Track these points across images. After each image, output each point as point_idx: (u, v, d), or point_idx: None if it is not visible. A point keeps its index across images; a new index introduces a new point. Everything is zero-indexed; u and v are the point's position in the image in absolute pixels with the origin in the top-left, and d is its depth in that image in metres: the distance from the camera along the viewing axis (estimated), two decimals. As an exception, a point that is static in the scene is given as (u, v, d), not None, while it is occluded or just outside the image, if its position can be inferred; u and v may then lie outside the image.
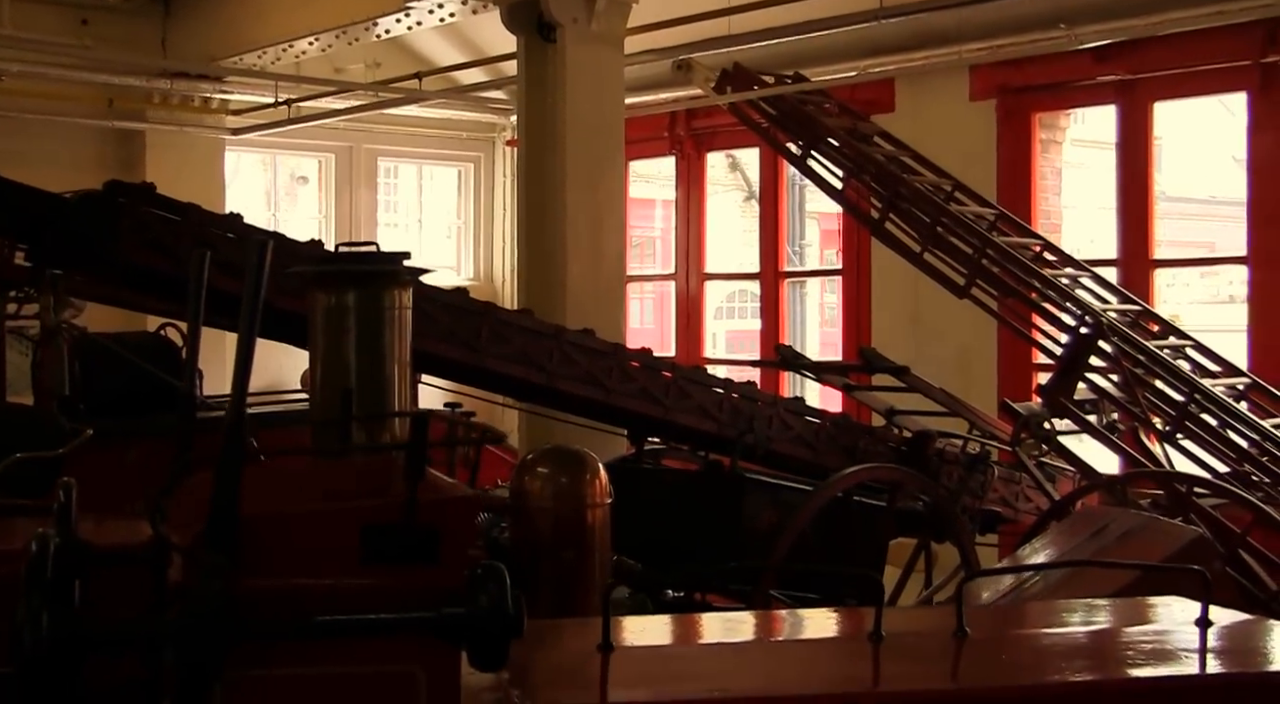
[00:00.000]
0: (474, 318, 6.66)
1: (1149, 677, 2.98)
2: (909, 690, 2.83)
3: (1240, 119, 9.21)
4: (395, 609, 2.52)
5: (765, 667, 2.97)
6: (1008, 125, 10.20)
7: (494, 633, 2.51)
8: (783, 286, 12.12)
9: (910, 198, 8.29)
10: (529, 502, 5.24)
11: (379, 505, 2.57)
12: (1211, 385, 7.46)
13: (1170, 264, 9.91)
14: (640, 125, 11.71)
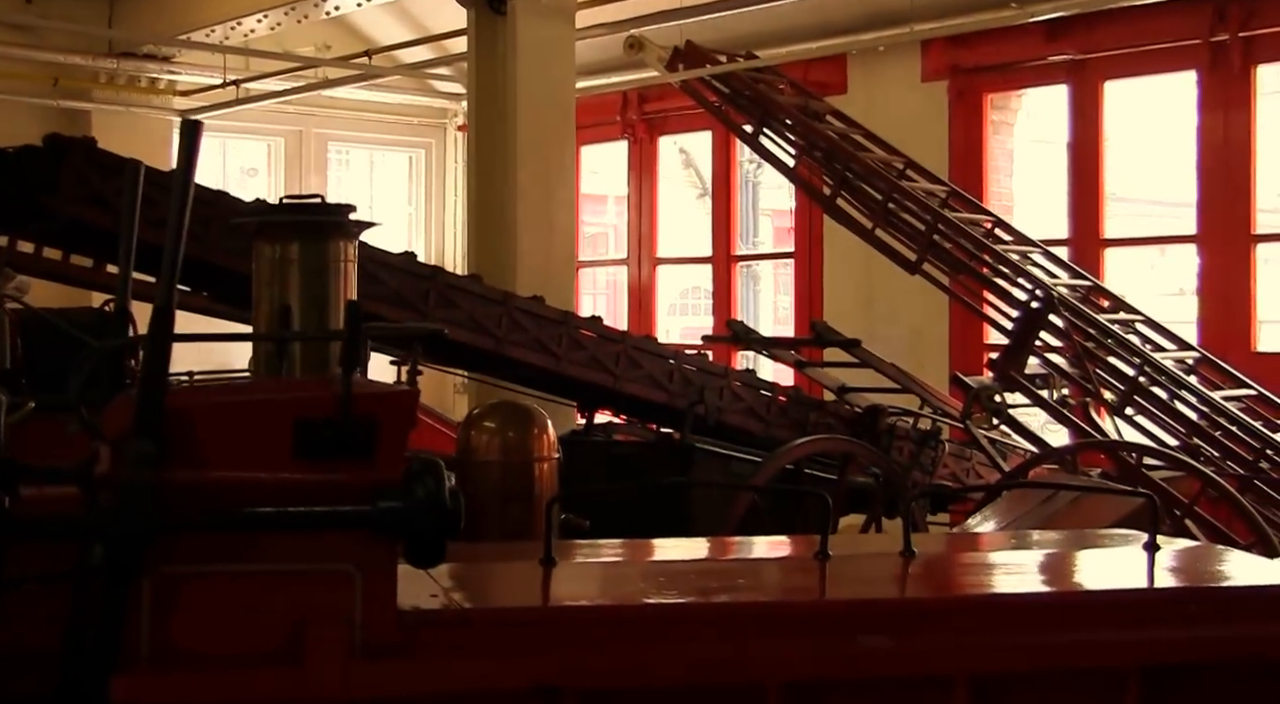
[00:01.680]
0: (421, 281, 6.58)
1: (1097, 590, 2.96)
2: (852, 600, 2.78)
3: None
4: (329, 504, 2.44)
5: (708, 581, 2.91)
6: (959, 106, 10.23)
7: (431, 527, 2.44)
8: (734, 270, 12.11)
9: (862, 174, 8.29)
10: (476, 456, 5.17)
11: (312, 398, 2.48)
12: (1161, 359, 7.49)
13: (1120, 243, 9.97)
14: (592, 110, 11.66)
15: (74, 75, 12.16)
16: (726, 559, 3.25)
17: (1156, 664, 2.76)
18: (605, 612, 2.67)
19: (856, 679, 2.68)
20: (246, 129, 13.70)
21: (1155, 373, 7.34)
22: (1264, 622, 2.87)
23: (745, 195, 13.75)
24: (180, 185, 2.45)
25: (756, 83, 9.08)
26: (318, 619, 2.42)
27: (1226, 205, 8.95)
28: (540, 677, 2.48)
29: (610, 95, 12.22)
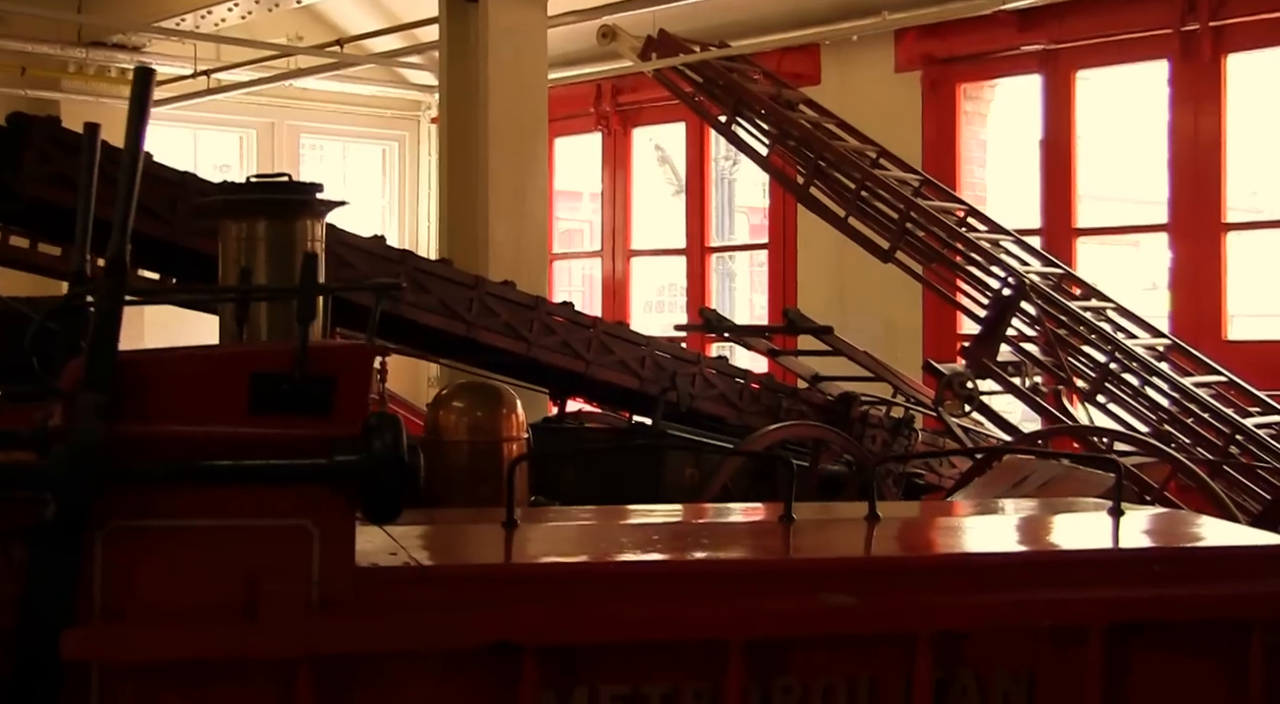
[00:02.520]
0: (391, 265, 6.53)
1: (1062, 550, 2.95)
2: (815, 559, 2.77)
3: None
4: (285, 459, 2.41)
5: (672, 542, 2.89)
6: (932, 96, 10.25)
7: (389, 481, 2.42)
8: (709, 262, 12.11)
9: (835, 163, 8.28)
10: (444, 436, 5.13)
11: (268, 352, 2.46)
12: (1133, 346, 7.50)
13: (1092, 233, 10.01)
14: (566, 102, 11.63)
15: (42, 64, 12.05)
16: (691, 522, 3.23)
17: (1120, 622, 2.76)
18: (567, 569, 2.65)
19: (819, 636, 2.67)
20: (218, 121, 13.61)
21: (1126, 359, 7.36)
22: (1227, 581, 2.87)
23: (721, 192, 13.75)
24: (132, 134, 2.41)
25: (730, 72, 9.07)
26: (273, 574, 2.40)
27: (1197, 194, 8.99)
28: (501, 633, 2.46)
29: (584, 87, 12.20)
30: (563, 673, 2.55)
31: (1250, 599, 2.84)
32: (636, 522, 3.16)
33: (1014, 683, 2.78)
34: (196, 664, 2.37)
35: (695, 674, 2.62)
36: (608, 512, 3.31)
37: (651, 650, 2.61)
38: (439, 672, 2.50)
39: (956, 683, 2.76)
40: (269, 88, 12.69)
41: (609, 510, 3.32)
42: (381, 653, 2.45)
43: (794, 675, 2.68)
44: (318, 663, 2.40)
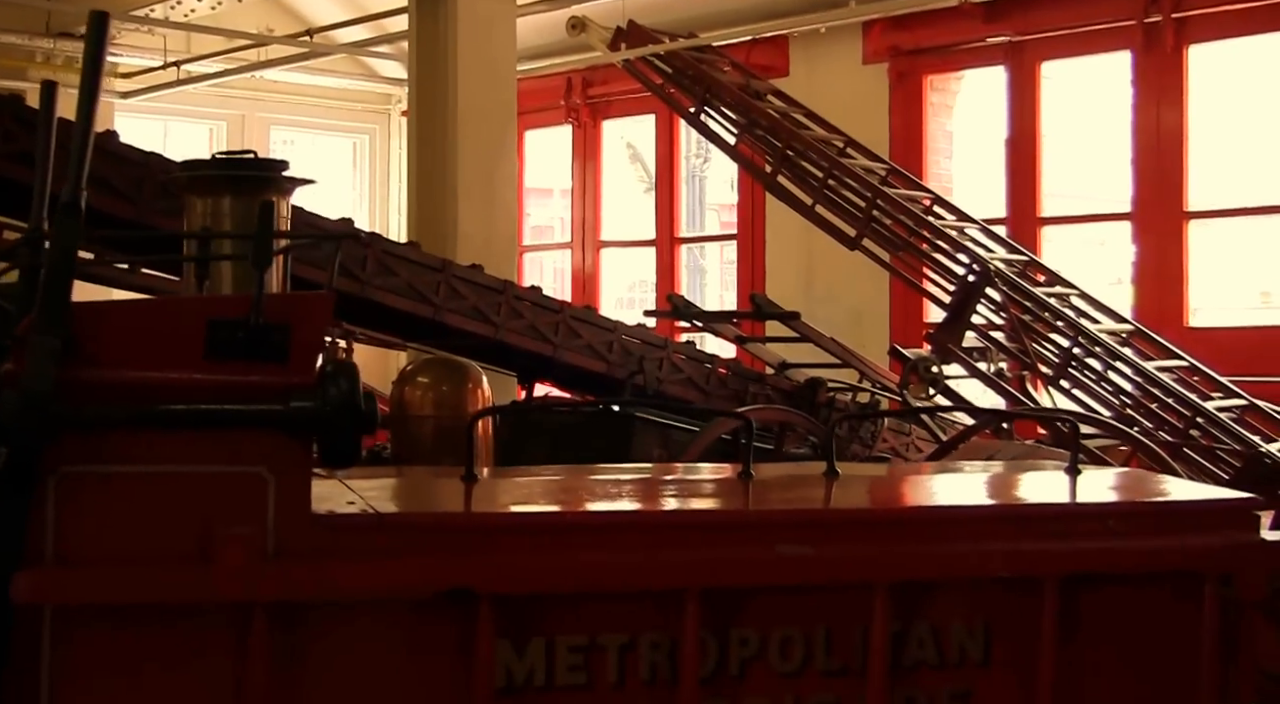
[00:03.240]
0: (358, 247, 6.53)
1: (1018, 503, 2.98)
2: (772, 510, 2.79)
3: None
4: (242, 406, 2.41)
5: (630, 495, 2.91)
6: (899, 88, 10.33)
7: (344, 427, 2.42)
8: (678, 252, 12.15)
9: (802, 151, 8.33)
10: (409, 411, 5.13)
11: (225, 300, 2.47)
12: (1096, 332, 7.58)
13: (1057, 221, 10.10)
14: (536, 95, 11.66)
15: (10, 54, 11.98)
16: (651, 478, 3.25)
17: (1075, 573, 2.78)
18: (525, 519, 2.66)
19: (776, 587, 2.69)
20: (188, 112, 13.57)
21: (1090, 344, 7.43)
22: (1180, 534, 2.91)
23: (692, 189, 13.79)
24: (88, 76, 2.41)
25: (699, 63, 9.12)
26: (228, 521, 2.39)
27: (1160, 183, 9.10)
28: (457, 579, 2.46)
29: (554, 80, 12.23)
30: (519, 623, 2.55)
31: (1202, 551, 2.87)
32: (597, 477, 3.18)
33: (970, 634, 2.80)
34: (150, 608, 2.36)
35: (652, 625, 2.62)
36: (571, 470, 3.32)
37: (608, 601, 2.61)
38: (394, 619, 2.50)
39: (913, 634, 2.78)
40: (239, 80, 12.66)
41: (572, 469, 3.34)
42: (337, 599, 2.45)
43: (751, 627, 2.70)
44: (272, 608, 2.39)
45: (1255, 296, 9.76)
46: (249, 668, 2.38)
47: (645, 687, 2.63)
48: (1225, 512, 3.03)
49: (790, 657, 2.71)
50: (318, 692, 2.47)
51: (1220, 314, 9.63)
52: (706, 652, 2.64)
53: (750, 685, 2.69)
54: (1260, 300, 9.86)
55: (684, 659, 2.59)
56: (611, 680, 2.61)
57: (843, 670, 2.73)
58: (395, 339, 7.34)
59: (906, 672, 2.77)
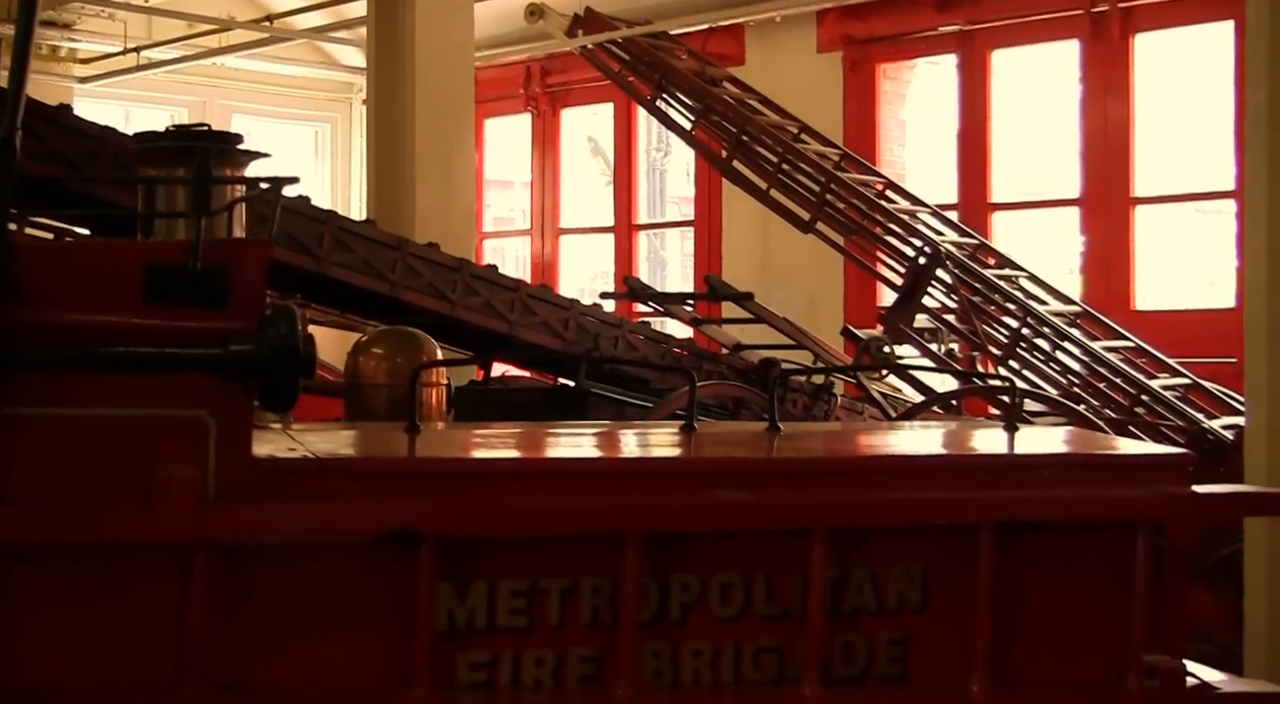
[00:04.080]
0: (315, 224, 6.53)
1: (955, 454, 3.05)
2: (713, 458, 2.84)
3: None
4: (181, 350, 2.43)
5: (574, 444, 2.95)
6: (853, 76, 10.44)
7: (283, 370, 2.44)
8: (636, 238, 12.22)
9: (756, 136, 8.41)
10: (363, 380, 5.14)
11: (165, 244, 2.49)
12: (1044, 313, 7.69)
13: (1007, 207, 10.23)
14: (496, 84, 11.71)
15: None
16: (595, 431, 3.30)
17: (1011, 521, 2.84)
18: (467, 464, 2.70)
19: (716, 532, 2.74)
20: (149, 99, 13.49)
21: (1038, 325, 7.54)
22: (1114, 485, 2.98)
23: (652, 181, 13.85)
24: (24, 12, 2.42)
25: (655, 50, 9.18)
26: (170, 463, 2.41)
27: (1107, 169, 9.25)
28: (398, 521, 2.49)
29: (513, 69, 12.28)
30: (461, 566, 2.58)
31: (1135, 501, 2.93)
32: (536, 430, 3.22)
33: (908, 581, 2.85)
34: (92, 548, 2.38)
35: (593, 569, 2.66)
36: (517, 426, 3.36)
37: (550, 545, 2.65)
38: (336, 562, 2.53)
39: (852, 581, 2.83)
40: (200, 67, 12.61)
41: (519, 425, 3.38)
42: (278, 541, 2.48)
43: (692, 572, 2.74)
44: (213, 549, 2.42)
45: (1200, 280, 9.93)
46: (190, 608, 2.41)
47: (586, 630, 2.67)
48: (1159, 465, 3.10)
49: (730, 602, 2.76)
50: (260, 634, 2.50)
51: (1166, 297, 9.79)
52: (647, 596, 2.68)
53: (691, 630, 2.74)
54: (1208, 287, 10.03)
55: (624, 603, 2.63)
56: (553, 624, 2.65)
57: (782, 615, 2.78)
58: (353, 319, 7.35)
59: (846, 618, 2.82)
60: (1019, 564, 2.89)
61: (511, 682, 2.64)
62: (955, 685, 2.83)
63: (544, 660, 2.66)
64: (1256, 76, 5.08)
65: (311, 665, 2.53)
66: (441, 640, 2.58)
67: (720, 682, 2.75)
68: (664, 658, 2.73)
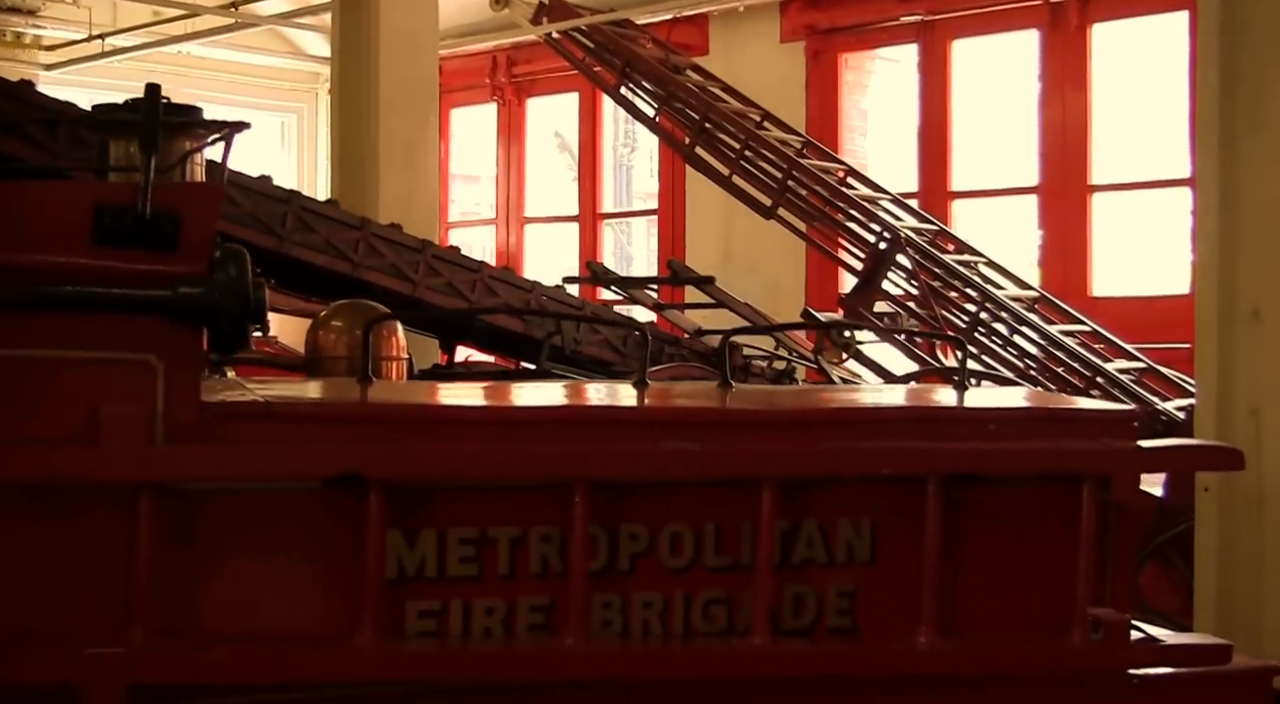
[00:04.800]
0: (277, 204, 6.54)
1: (903, 406, 3.07)
2: (662, 408, 2.86)
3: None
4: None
5: (524, 396, 2.96)
6: (816, 66, 10.51)
7: (232, 313, 2.44)
8: (600, 227, 12.25)
9: (719, 123, 8.45)
10: (324, 354, 5.15)
11: (114, 186, 2.48)
12: (1002, 297, 7.76)
13: (966, 195, 10.32)
14: (462, 74, 11.72)
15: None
16: (548, 386, 3.32)
17: (958, 473, 2.86)
18: (417, 410, 2.71)
19: (664, 482, 2.75)
20: (114, 87, 13.35)
21: (997, 309, 7.60)
22: (1061, 439, 3.01)
23: (619, 178, 13.87)
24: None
25: (620, 38, 9.21)
26: (116, 404, 2.41)
27: (1065, 158, 9.35)
28: (346, 465, 2.49)
29: (479, 59, 12.29)
30: (410, 514, 2.59)
31: (1080, 454, 2.97)
32: (496, 385, 3.24)
33: (856, 534, 2.87)
34: (36, 489, 2.37)
35: (543, 519, 2.67)
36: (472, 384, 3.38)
37: (499, 493, 2.66)
38: (285, 508, 2.53)
39: (801, 534, 2.84)
40: (166, 55, 12.54)
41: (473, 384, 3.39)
42: (224, 483, 2.48)
43: (641, 522, 2.75)
44: (159, 492, 2.41)
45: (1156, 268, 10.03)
46: (136, 552, 2.40)
47: (536, 579, 2.67)
48: (1105, 421, 3.14)
49: (680, 553, 2.76)
50: (208, 579, 2.50)
51: (1122, 284, 9.89)
52: (596, 546, 2.69)
53: (640, 580, 2.74)
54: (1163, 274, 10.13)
55: (573, 551, 2.64)
56: (502, 573, 2.65)
57: (732, 567, 2.80)
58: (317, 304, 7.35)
59: (795, 570, 2.84)
60: (966, 517, 2.91)
61: (461, 630, 2.65)
62: (903, 637, 2.86)
63: (494, 609, 2.67)
64: (1208, 56, 5.15)
65: (259, 612, 2.53)
66: (391, 588, 2.58)
67: (670, 632, 2.76)
68: (614, 608, 2.74)
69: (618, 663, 2.70)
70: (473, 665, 2.63)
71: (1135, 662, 3.03)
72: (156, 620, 2.43)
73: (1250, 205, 5.28)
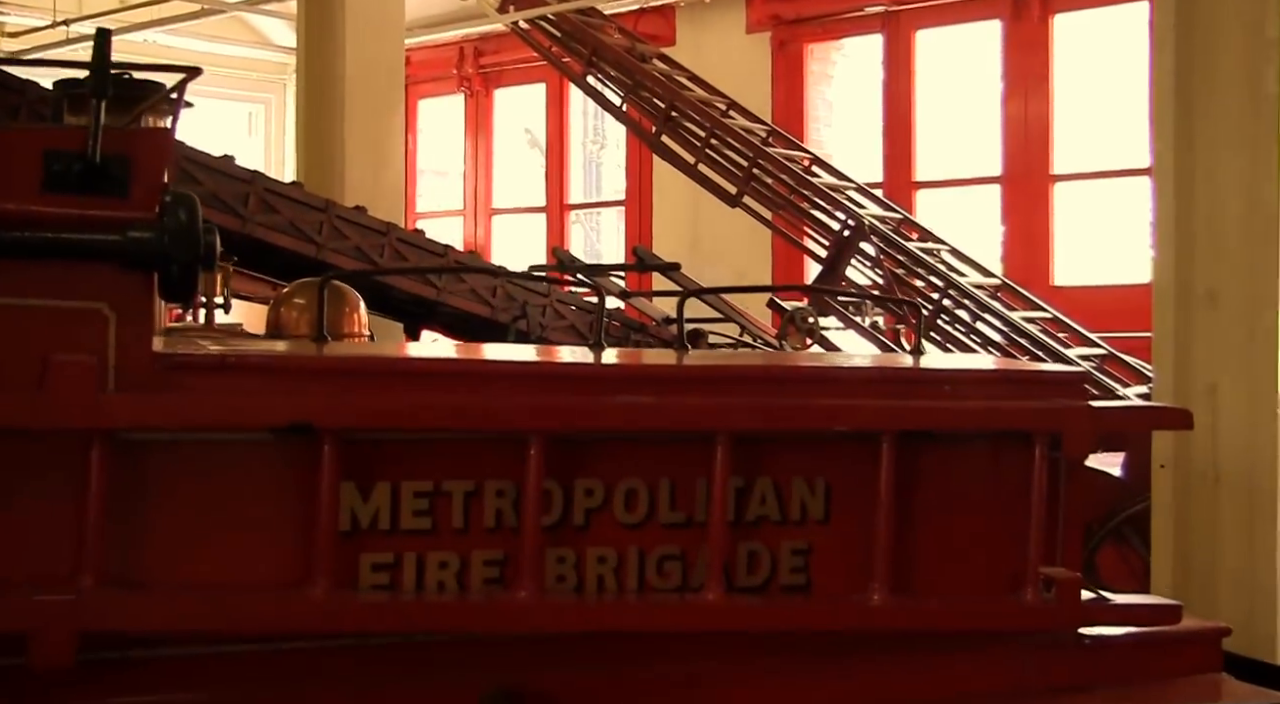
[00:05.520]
0: (240, 184, 6.52)
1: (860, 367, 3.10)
2: (617, 364, 2.87)
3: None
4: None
5: (482, 353, 2.97)
6: (781, 56, 10.56)
7: (183, 258, 2.43)
8: (567, 218, 12.27)
9: (685, 112, 8.48)
10: (285, 332, 5.13)
11: (63, 131, 2.47)
12: (965, 284, 7.82)
13: (930, 185, 10.39)
14: (429, 65, 11.72)
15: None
16: (507, 348, 3.33)
17: (912, 430, 2.88)
18: (370, 362, 2.71)
19: (620, 433, 2.76)
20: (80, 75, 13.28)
21: (960, 296, 7.66)
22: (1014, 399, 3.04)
23: (589, 175, 13.88)
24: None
25: (586, 26, 9.23)
26: (66, 352, 2.39)
27: (1027, 148, 9.43)
28: (298, 414, 2.49)
29: (447, 50, 12.29)
30: (364, 467, 2.58)
31: (1033, 412, 2.99)
32: (454, 346, 3.24)
33: (811, 492, 2.89)
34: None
35: (498, 473, 2.67)
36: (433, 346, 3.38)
37: (453, 446, 2.66)
38: (238, 459, 2.53)
39: (755, 491, 2.86)
40: (132, 44, 12.45)
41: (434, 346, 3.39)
42: (178, 436, 2.46)
43: (596, 478, 2.76)
44: (110, 440, 2.40)
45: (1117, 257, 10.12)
46: (87, 500, 2.39)
47: (490, 534, 2.67)
48: (1057, 381, 3.18)
49: (634, 508, 2.77)
50: (160, 530, 2.48)
51: (1084, 273, 9.98)
52: (551, 501, 2.69)
53: (595, 535, 2.75)
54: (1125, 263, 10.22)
55: (526, 504, 2.64)
56: (456, 527, 2.65)
57: (686, 523, 2.81)
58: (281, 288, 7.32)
59: (749, 527, 2.85)
60: (920, 476, 2.94)
61: (415, 584, 2.65)
62: (856, 595, 2.87)
63: (448, 563, 2.67)
64: (1164, 38, 5.20)
65: (212, 563, 2.53)
66: (344, 541, 2.58)
67: (624, 588, 2.77)
68: (568, 563, 2.74)
69: (571, 616, 2.70)
70: (425, 618, 2.63)
71: (1086, 620, 3.06)
72: (107, 569, 2.42)
73: (1206, 187, 5.34)
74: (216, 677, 2.54)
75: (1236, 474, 5.37)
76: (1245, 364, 5.37)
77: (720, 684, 2.82)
